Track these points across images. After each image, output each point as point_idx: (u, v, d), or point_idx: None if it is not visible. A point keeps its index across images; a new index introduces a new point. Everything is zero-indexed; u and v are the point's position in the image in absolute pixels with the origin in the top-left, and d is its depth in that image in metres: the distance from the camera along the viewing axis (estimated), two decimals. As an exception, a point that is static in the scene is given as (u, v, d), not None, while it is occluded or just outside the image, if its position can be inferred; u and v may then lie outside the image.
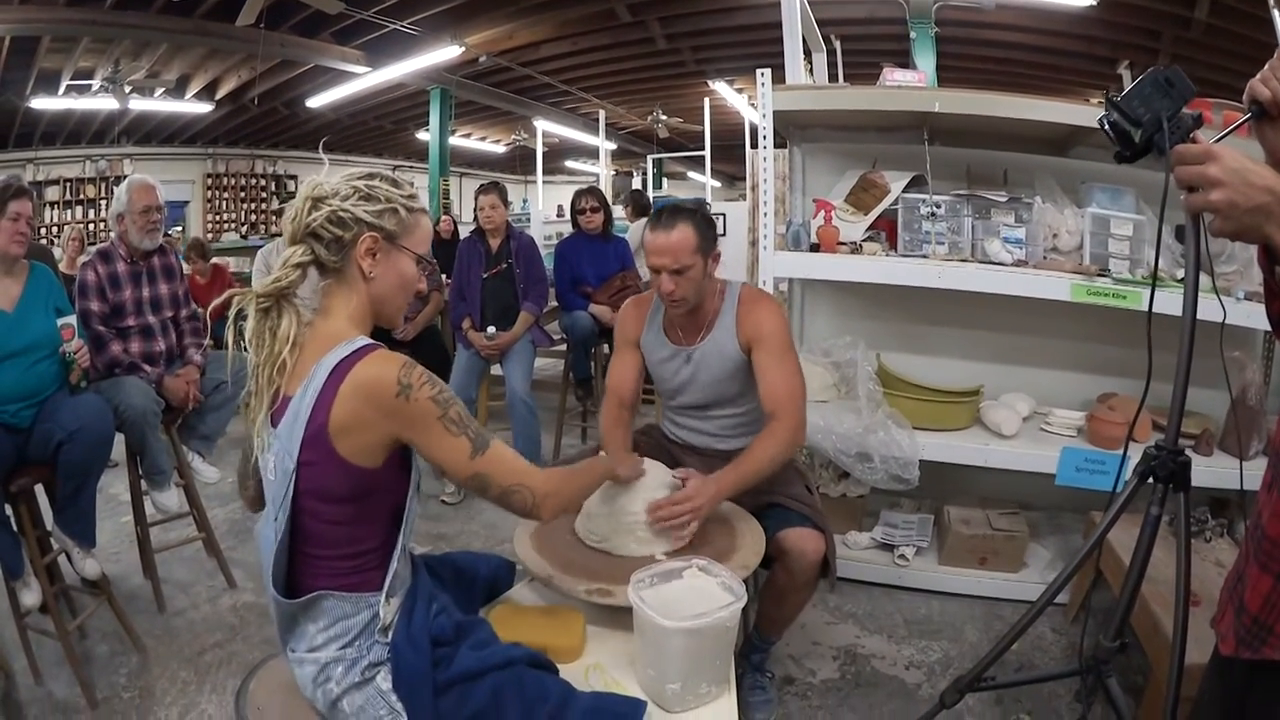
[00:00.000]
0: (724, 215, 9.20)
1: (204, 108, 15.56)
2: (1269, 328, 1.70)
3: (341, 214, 1.81)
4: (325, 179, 1.87)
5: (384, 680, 1.79)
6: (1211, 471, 3.47)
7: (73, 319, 3.44)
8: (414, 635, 1.80)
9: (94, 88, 13.35)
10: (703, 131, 13.28)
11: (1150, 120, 1.75)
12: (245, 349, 1.80)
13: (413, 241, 1.91)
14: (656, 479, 2.58)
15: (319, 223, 1.81)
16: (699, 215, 2.92)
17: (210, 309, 1.93)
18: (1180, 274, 3.56)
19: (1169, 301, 2.19)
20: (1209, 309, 2.01)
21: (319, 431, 1.69)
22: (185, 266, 6.50)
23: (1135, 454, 2.29)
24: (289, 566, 1.81)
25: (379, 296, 1.89)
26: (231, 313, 1.80)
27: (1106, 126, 1.85)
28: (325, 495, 1.73)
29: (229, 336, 1.79)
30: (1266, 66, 1.54)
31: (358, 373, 1.70)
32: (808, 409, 2.97)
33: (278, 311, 1.82)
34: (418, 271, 1.94)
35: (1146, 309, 2.12)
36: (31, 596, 3.29)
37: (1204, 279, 2.02)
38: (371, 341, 1.79)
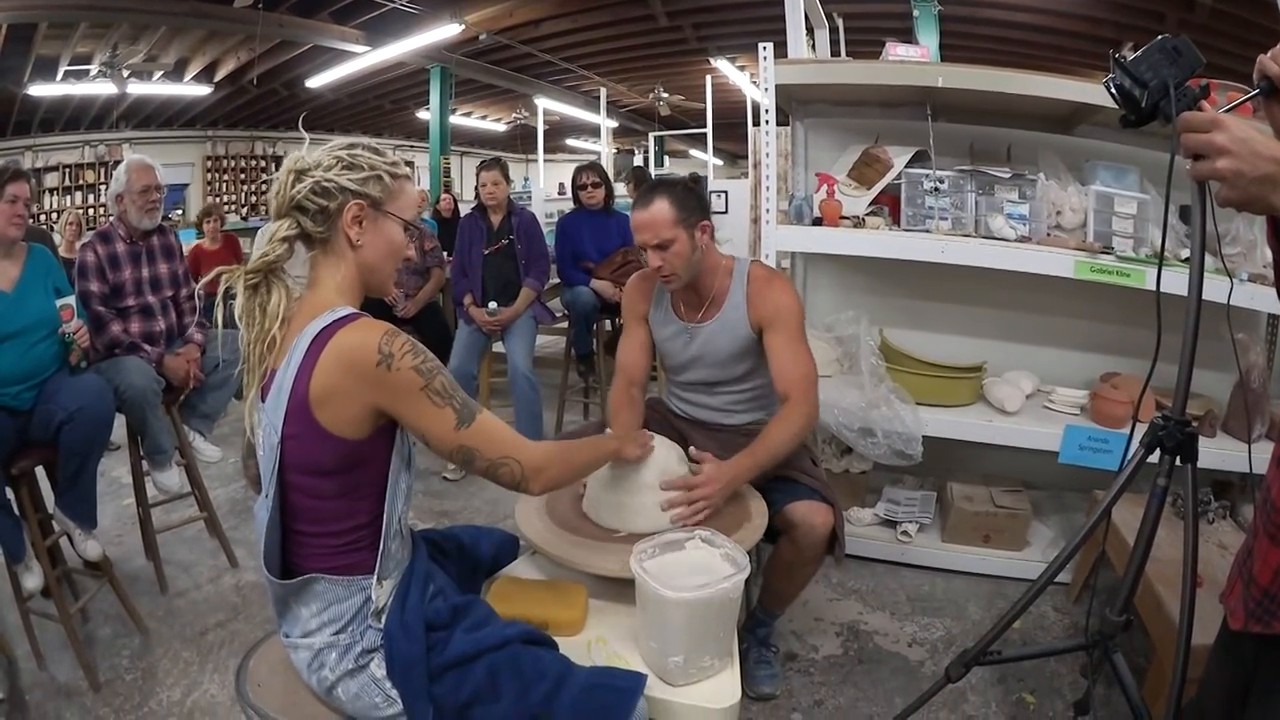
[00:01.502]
0: (726, 193, 9.19)
1: (203, 90, 15.57)
2: (1272, 310, 1.69)
3: (325, 184, 1.78)
4: (307, 152, 1.84)
5: (378, 667, 1.78)
6: (1215, 453, 3.47)
7: (72, 299, 3.44)
8: (408, 621, 1.78)
9: (92, 73, 13.36)
10: (704, 109, 13.25)
11: (1157, 86, 1.74)
12: (237, 326, 1.79)
13: (398, 207, 1.89)
14: (667, 456, 2.56)
15: (303, 195, 1.78)
16: (678, 188, 2.92)
17: (199, 286, 1.91)
18: (1184, 253, 3.56)
19: (1174, 280, 2.18)
20: (1214, 289, 2.00)
21: (300, 403, 1.67)
22: (200, 234, 6.53)
23: (1140, 434, 2.27)
24: (283, 547, 1.80)
25: (368, 264, 1.87)
26: (220, 291, 1.78)
27: (1112, 89, 1.83)
28: (311, 468, 1.72)
29: (218, 314, 1.78)
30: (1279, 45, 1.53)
31: (338, 341, 1.68)
32: (810, 385, 2.98)
33: (267, 288, 1.80)
34: (405, 238, 1.92)
35: (1150, 287, 2.12)
36: (33, 580, 3.28)
37: (1209, 260, 2.01)
38: (355, 311, 1.77)
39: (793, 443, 2.77)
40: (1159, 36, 1.78)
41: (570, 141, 25.84)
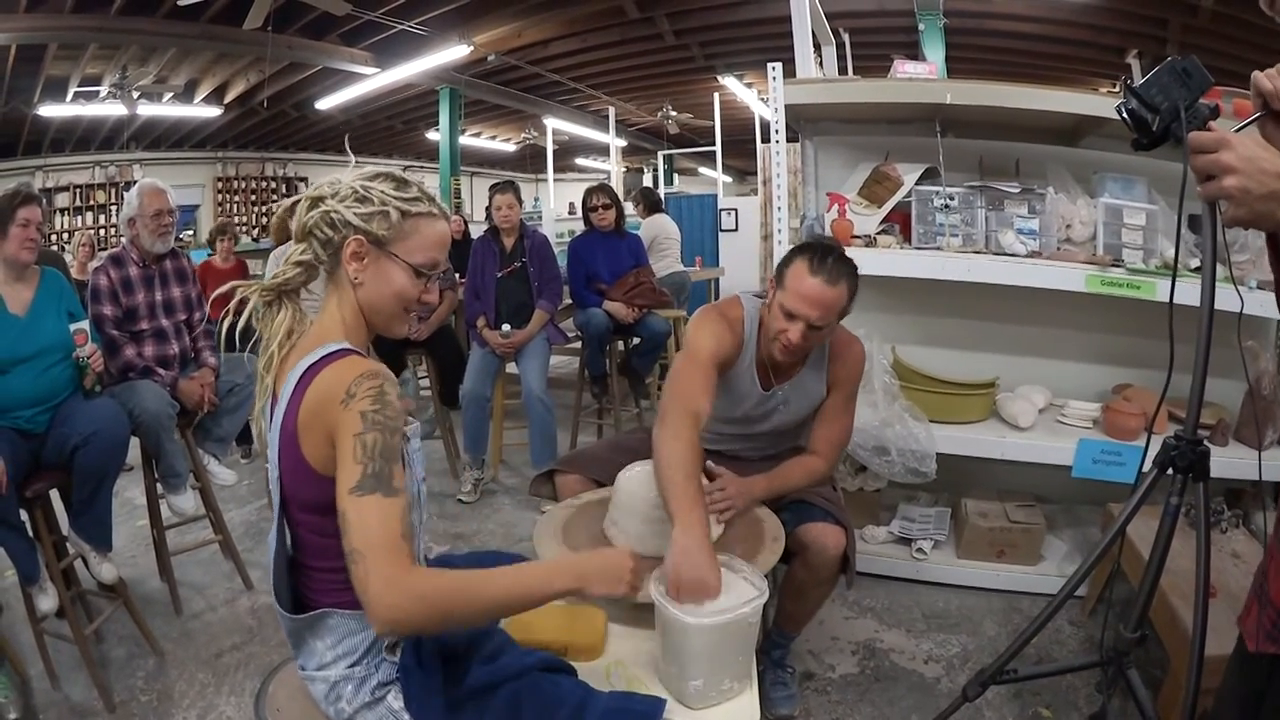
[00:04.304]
0: (735, 210, 9.21)
1: (213, 111, 15.64)
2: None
3: (333, 215, 1.74)
4: (341, 177, 1.80)
5: (395, 699, 1.75)
6: (1227, 462, 3.48)
7: (86, 324, 3.46)
8: (423, 654, 1.76)
9: (102, 94, 13.44)
10: (713, 127, 13.28)
11: (1168, 109, 1.75)
12: (235, 346, 1.77)
13: (406, 249, 1.77)
14: None
15: (314, 222, 1.76)
16: (855, 274, 2.72)
17: (212, 300, 1.88)
18: (1194, 263, 3.56)
19: (1184, 291, 2.18)
20: (1225, 299, 2.00)
21: (290, 438, 1.65)
22: (211, 251, 6.58)
23: (1155, 445, 2.28)
24: (295, 580, 1.79)
25: (368, 305, 1.79)
26: (233, 303, 1.78)
27: (1125, 114, 1.85)
28: (305, 505, 1.69)
29: (222, 328, 1.78)
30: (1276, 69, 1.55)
31: (322, 376, 1.63)
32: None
33: (278, 307, 1.81)
34: (413, 283, 1.79)
35: (1160, 299, 2.12)
36: (48, 601, 3.28)
37: (1218, 269, 2.01)
38: (347, 347, 1.71)
39: (804, 486, 2.87)
40: (1168, 59, 1.79)
41: (579, 161, 25.84)
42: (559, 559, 2.03)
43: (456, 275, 6.56)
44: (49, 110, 13.88)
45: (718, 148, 13.30)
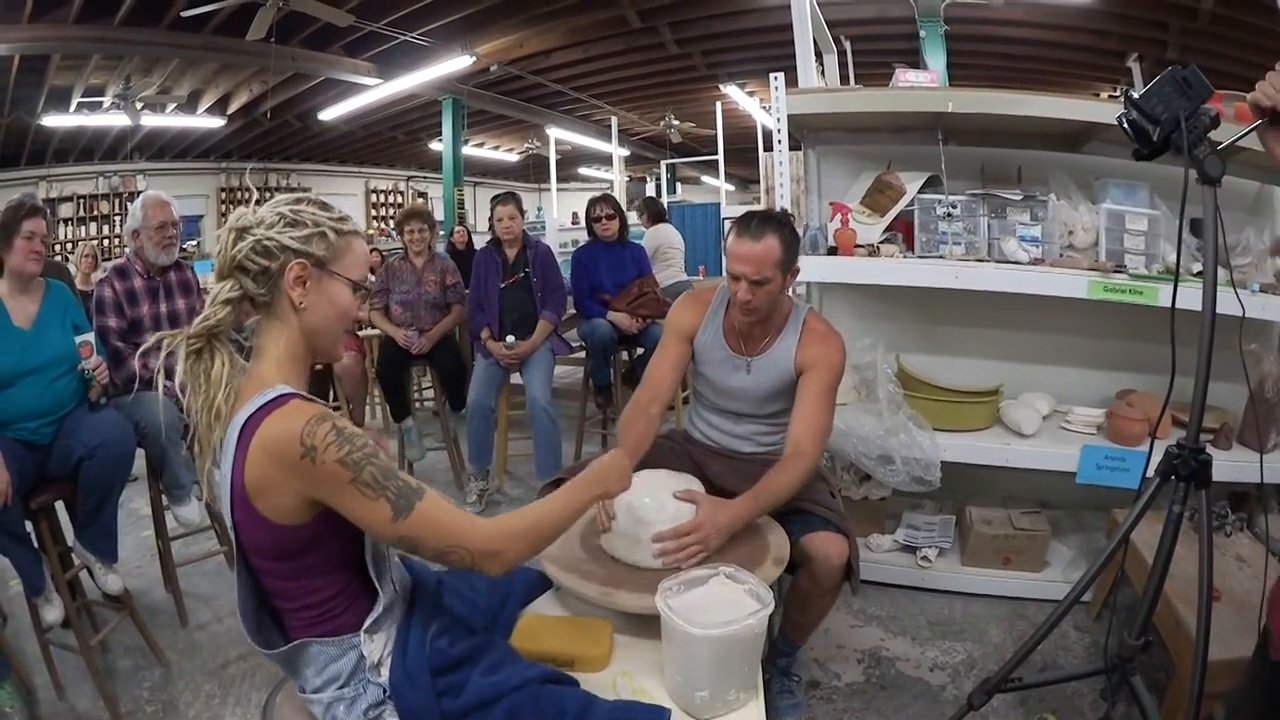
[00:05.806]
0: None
1: (216, 122, 15.68)
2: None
3: (266, 243, 1.70)
4: (252, 209, 1.76)
5: (391, 716, 1.76)
6: (1230, 465, 3.48)
7: (91, 336, 3.47)
8: (410, 671, 1.76)
9: (105, 104, 13.47)
10: (715, 135, 13.29)
11: (1168, 119, 1.75)
12: (177, 394, 1.72)
13: (344, 266, 1.79)
14: (669, 487, 2.55)
15: (244, 254, 1.70)
16: (787, 229, 2.91)
17: (139, 353, 1.85)
18: (1196, 268, 3.56)
19: (1187, 296, 2.18)
20: (1227, 303, 2.01)
21: (240, 493, 1.61)
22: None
23: (1158, 450, 2.28)
24: (271, 615, 1.79)
25: (313, 328, 1.78)
26: (161, 355, 1.71)
27: (1125, 125, 1.85)
28: (262, 553, 1.68)
29: (158, 380, 1.70)
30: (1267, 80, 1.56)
31: (264, 430, 1.59)
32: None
33: (210, 353, 1.73)
34: (354, 299, 1.82)
35: (1163, 304, 2.12)
36: (53, 612, 3.29)
37: (1220, 273, 2.02)
38: (284, 391, 1.67)
39: (794, 490, 2.76)
40: (1169, 69, 1.80)
41: (582, 170, 25.88)
42: (576, 479, 2.04)
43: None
44: (52, 120, 13.90)
45: (720, 156, 13.31)
